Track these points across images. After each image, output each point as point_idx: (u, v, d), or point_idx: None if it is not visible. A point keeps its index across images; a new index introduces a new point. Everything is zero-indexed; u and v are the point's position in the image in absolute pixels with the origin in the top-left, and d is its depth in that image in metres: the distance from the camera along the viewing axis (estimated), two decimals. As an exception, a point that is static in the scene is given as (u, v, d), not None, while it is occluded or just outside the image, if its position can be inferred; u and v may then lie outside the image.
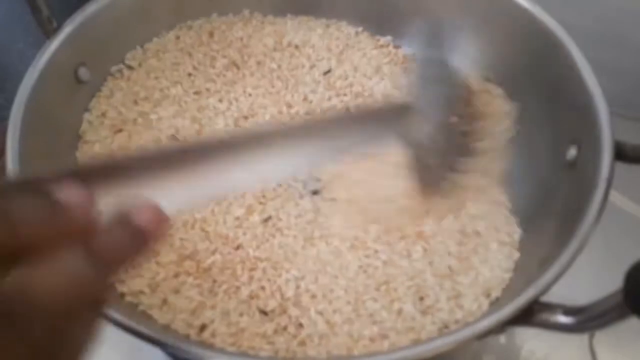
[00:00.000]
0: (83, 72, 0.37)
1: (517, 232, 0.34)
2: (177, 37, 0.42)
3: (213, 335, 0.31)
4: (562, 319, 0.26)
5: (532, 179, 0.36)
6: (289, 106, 0.40)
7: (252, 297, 0.32)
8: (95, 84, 0.39)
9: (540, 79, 0.37)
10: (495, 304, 0.31)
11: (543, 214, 0.34)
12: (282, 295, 0.32)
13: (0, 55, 0.64)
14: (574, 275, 0.28)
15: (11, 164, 0.30)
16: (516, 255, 0.33)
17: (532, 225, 0.34)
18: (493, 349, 0.38)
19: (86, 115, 0.38)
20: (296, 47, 0.43)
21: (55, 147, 0.35)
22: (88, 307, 0.17)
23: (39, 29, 0.36)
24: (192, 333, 0.31)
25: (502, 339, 0.39)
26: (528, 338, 0.38)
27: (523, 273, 0.32)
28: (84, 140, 0.38)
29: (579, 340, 0.38)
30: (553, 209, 0.33)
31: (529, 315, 0.26)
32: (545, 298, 0.27)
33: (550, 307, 0.26)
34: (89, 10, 0.37)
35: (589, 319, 0.25)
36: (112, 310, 0.27)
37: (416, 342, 0.29)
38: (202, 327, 0.32)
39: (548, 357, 0.37)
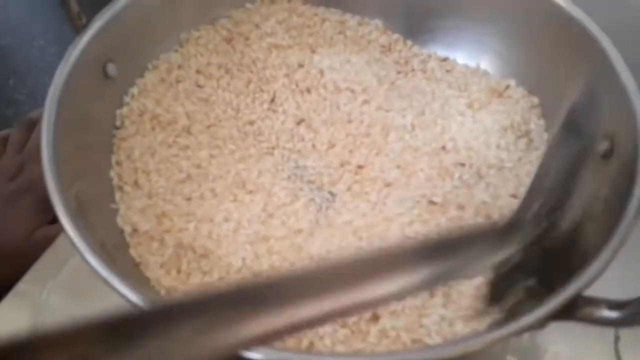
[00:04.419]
0: (111, 68, 0.37)
1: None
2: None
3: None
4: (607, 313, 0.25)
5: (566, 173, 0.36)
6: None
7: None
8: (122, 80, 0.39)
9: (570, 73, 0.37)
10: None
11: (579, 207, 0.34)
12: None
13: (21, 52, 0.64)
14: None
15: (47, 162, 0.30)
16: None
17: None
18: (516, 350, 0.38)
19: (122, 110, 0.39)
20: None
21: (88, 144, 0.35)
22: None
23: (59, 26, 0.36)
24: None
25: (525, 340, 0.38)
26: (552, 340, 0.37)
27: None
28: (121, 137, 0.38)
29: (604, 344, 0.37)
30: (587, 204, 0.33)
31: (572, 309, 0.26)
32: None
33: (594, 302, 0.26)
34: (117, 5, 0.37)
35: (634, 314, 0.25)
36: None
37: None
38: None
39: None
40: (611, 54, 0.34)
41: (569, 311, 0.26)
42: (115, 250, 0.32)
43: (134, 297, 0.26)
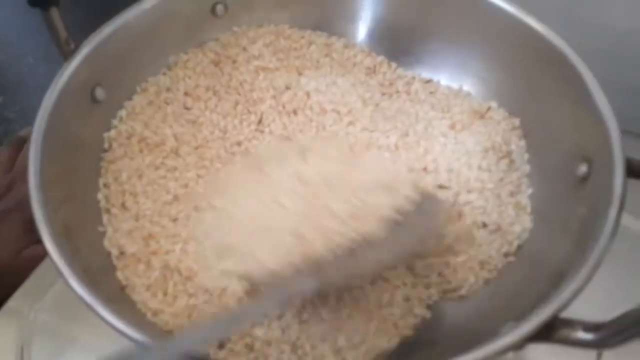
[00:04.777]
0: (99, 92, 0.38)
1: None
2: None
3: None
4: (582, 335, 0.26)
5: (543, 194, 0.37)
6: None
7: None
8: (110, 104, 0.39)
9: (549, 96, 0.38)
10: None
11: (556, 229, 0.34)
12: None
13: (11, 70, 0.65)
14: (584, 293, 0.28)
15: (34, 189, 0.31)
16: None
17: (545, 240, 0.35)
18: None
19: (110, 133, 0.39)
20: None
21: (76, 167, 0.36)
22: None
23: (48, 44, 0.37)
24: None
25: (509, 356, 0.39)
26: (536, 356, 0.38)
27: (535, 288, 0.32)
28: (109, 160, 0.38)
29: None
30: (566, 225, 0.34)
31: (549, 331, 0.27)
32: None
33: (570, 324, 0.26)
34: (105, 31, 0.38)
35: (610, 336, 0.25)
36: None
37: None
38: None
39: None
40: (587, 79, 0.35)
41: (546, 333, 0.27)
42: (101, 273, 0.33)
43: (116, 321, 0.27)
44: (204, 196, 0.37)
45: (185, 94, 0.42)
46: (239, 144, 0.41)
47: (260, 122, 0.42)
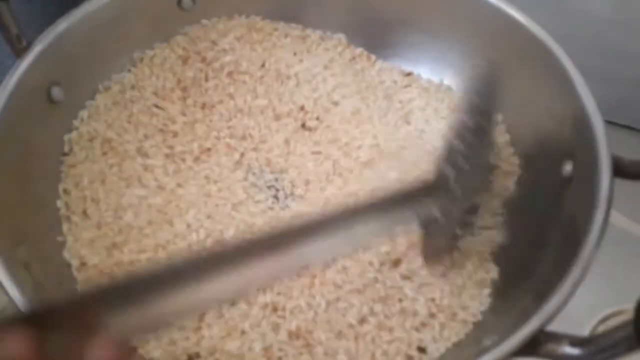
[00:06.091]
0: (56, 92, 0.35)
1: None
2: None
3: None
4: (569, 350, 0.25)
5: (529, 195, 0.35)
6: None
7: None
8: (70, 104, 0.37)
9: (532, 90, 0.37)
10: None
11: (541, 231, 0.33)
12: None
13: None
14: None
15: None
16: None
17: (529, 243, 0.33)
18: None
19: (71, 136, 0.37)
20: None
21: (32, 174, 0.34)
22: None
23: None
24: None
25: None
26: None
27: (518, 304, 0.31)
28: (69, 164, 0.36)
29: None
30: (551, 226, 0.32)
31: (535, 345, 0.25)
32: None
33: (557, 338, 0.25)
34: (61, 26, 0.35)
35: (597, 351, 0.24)
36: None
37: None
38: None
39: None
40: (571, 73, 0.34)
41: (532, 348, 0.25)
42: (59, 287, 0.31)
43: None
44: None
45: (153, 93, 0.40)
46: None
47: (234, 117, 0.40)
